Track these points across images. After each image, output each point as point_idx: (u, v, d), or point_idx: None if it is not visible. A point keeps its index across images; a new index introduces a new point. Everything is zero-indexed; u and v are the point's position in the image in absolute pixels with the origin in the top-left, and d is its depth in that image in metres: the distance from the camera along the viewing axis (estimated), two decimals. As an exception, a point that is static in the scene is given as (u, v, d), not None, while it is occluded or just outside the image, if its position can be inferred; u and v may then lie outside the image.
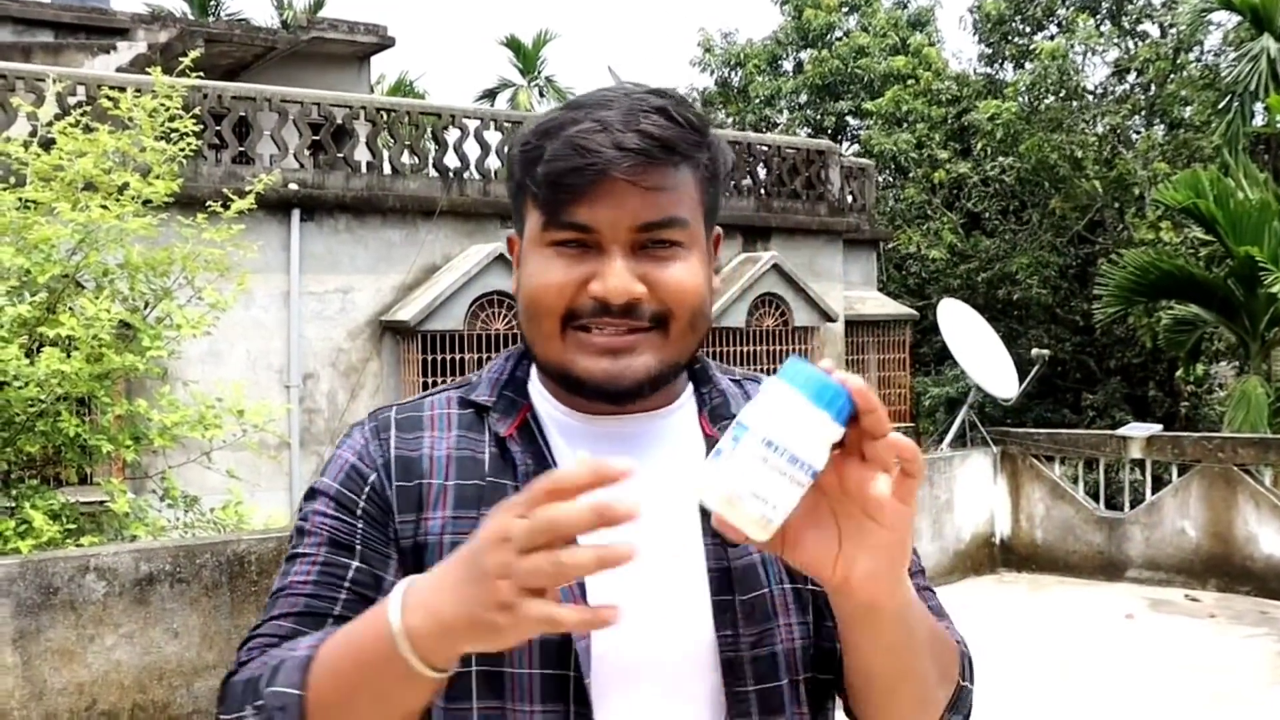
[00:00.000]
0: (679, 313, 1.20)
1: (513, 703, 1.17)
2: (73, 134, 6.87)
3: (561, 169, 1.15)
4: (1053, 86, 20.13)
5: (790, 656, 1.22)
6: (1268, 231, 11.98)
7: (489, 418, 1.26)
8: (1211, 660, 7.75)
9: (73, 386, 6.04)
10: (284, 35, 18.50)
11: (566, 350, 1.19)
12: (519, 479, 1.21)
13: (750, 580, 1.21)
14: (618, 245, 1.17)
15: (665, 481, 1.22)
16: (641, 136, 1.15)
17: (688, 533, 1.22)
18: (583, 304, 1.18)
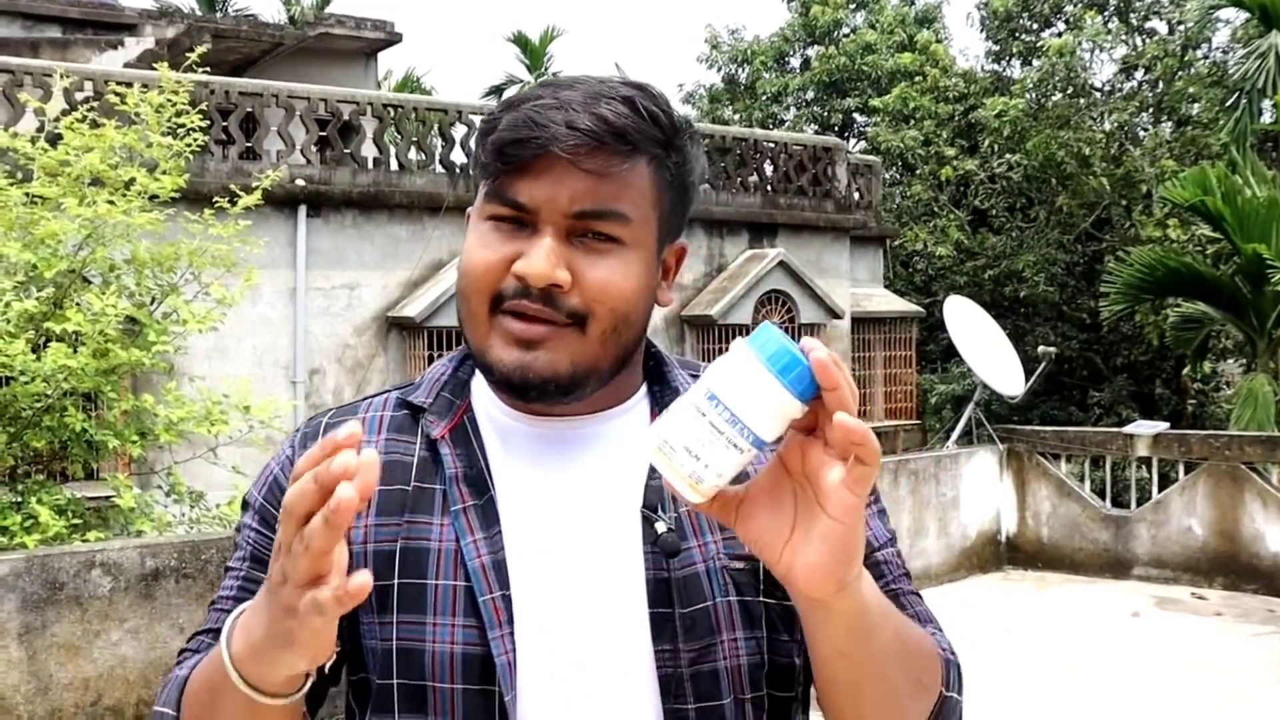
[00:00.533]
0: (599, 313, 1.12)
1: (435, 718, 1.12)
2: (79, 129, 6.87)
3: (507, 139, 1.10)
4: (1060, 83, 20.09)
5: (735, 674, 1.14)
6: (1275, 229, 11.95)
7: (423, 419, 1.21)
8: (1218, 658, 7.74)
9: (79, 382, 6.05)
10: (291, 31, 18.51)
11: (489, 336, 1.14)
12: (446, 482, 1.16)
13: (692, 592, 1.14)
14: (551, 227, 1.11)
15: (605, 486, 1.17)
16: (596, 119, 1.09)
17: (626, 539, 1.15)
18: (507, 284, 1.12)
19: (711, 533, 1.16)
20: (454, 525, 1.14)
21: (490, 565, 1.12)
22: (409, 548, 1.14)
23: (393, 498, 1.16)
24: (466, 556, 1.12)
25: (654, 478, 1.15)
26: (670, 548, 1.14)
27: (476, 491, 1.15)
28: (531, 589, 1.12)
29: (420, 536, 1.14)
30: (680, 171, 1.18)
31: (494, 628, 1.10)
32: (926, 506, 10.28)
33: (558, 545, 1.14)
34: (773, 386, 0.90)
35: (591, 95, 1.11)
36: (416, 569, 1.13)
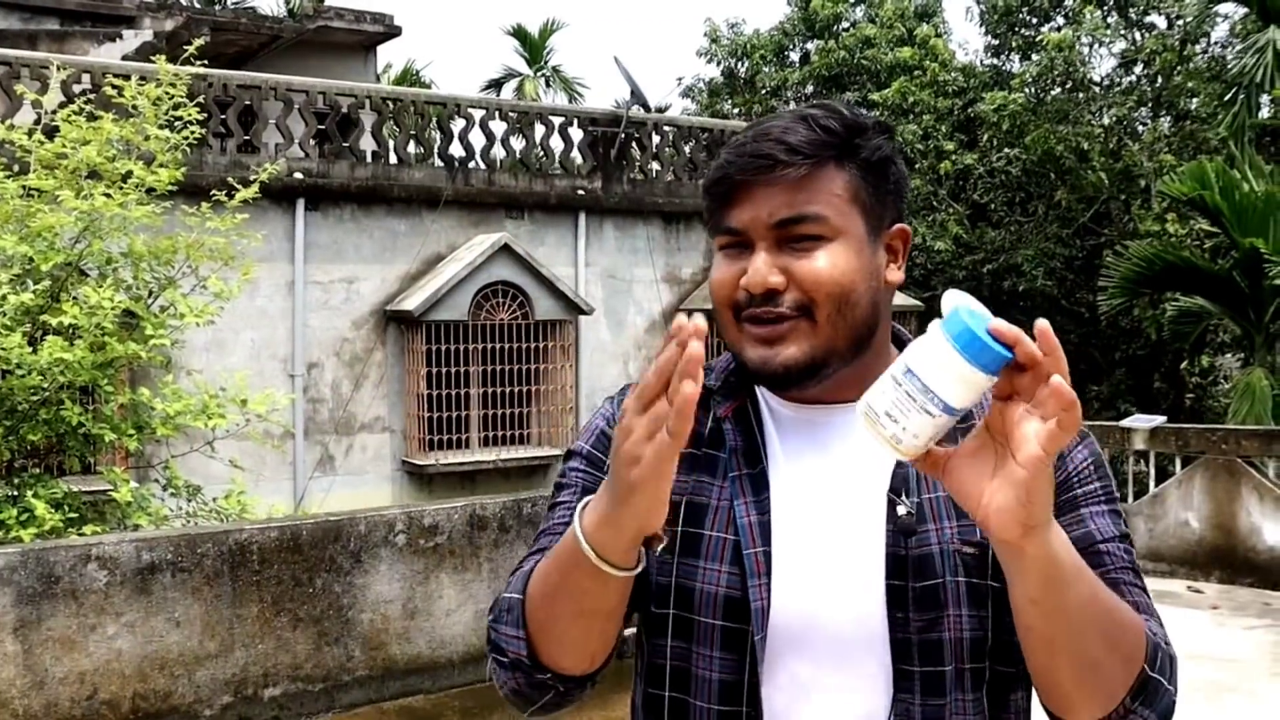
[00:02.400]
0: (819, 300, 1.30)
1: (697, 646, 1.33)
2: (77, 122, 6.87)
3: (710, 182, 1.35)
4: (1059, 78, 20.09)
5: (957, 645, 1.29)
6: (1273, 223, 11.95)
7: (712, 400, 1.41)
8: (1214, 651, 7.75)
9: (75, 375, 6.05)
10: (290, 24, 18.49)
11: (740, 340, 1.34)
12: (728, 452, 1.37)
13: (924, 569, 1.30)
14: (761, 242, 1.31)
15: (857, 467, 1.34)
16: (774, 144, 1.29)
17: (871, 517, 1.32)
18: (740, 296, 1.32)
19: (949, 519, 1.32)
20: (730, 488, 1.35)
21: (757, 524, 1.32)
22: (693, 502, 1.35)
23: (683, 458, 1.25)
24: (737, 515, 1.33)
25: (901, 465, 1.31)
26: (907, 528, 1.30)
27: (750, 462, 1.36)
28: (789, 548, 1.31)
29: (703, 494, 1.35)
30: (870, 165, 1.34)
31: (754, 576, 1.30)
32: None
33: (814, 515, 1.33)
34: (957, 360, 1.06)
35: (777, 126, 1.32)
36: (696, 520, 1.35)
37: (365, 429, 12.63)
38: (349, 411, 12.48)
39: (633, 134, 14.54)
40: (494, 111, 14.03)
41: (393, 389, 12.72)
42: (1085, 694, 1.23)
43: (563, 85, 32.91)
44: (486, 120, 13.72)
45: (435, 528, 5.84)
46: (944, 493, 1.29)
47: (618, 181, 14.37)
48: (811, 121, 1.31)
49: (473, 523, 5.97)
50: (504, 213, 13.54)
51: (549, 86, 32.80)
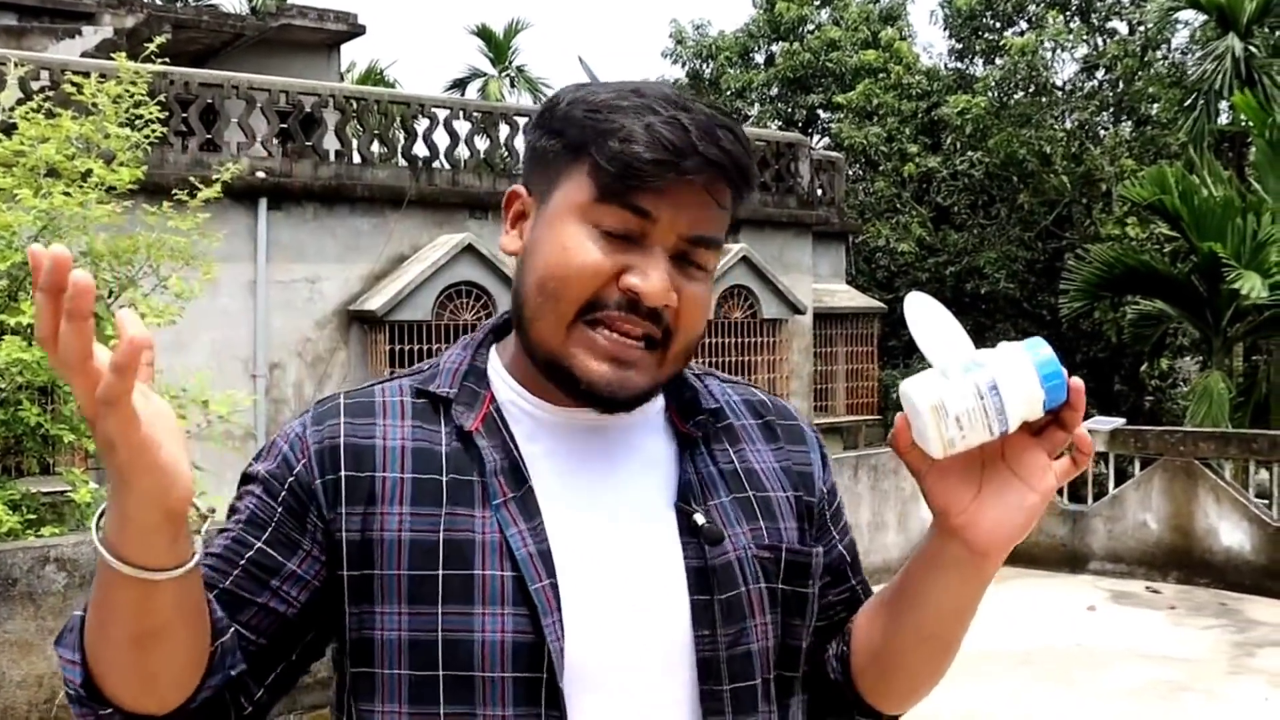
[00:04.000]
0: (683, 337, 1.18)
1: (483, 708, 1.13)
2: (35, 119, 6.79)
3: (645, 157, 1.11)
4: (1022, 82, 20.27)
5: (764, 655, 1.22)
6: (1231, 228, 12.10)
7: (453, 409, 1.21)
8: (1171, 651, 7.83)
9: (34, 375, 5.98)
10: (253, 22, 18.37)
11: (570, 342, 1.15)
12: (485, 475, 1.17)
13: (728, 579, 1.19)
14: (662, 247, 1.14)
15: (636, 476, 1.23)
16: (724, 153, 1.14)
17: (662, 529, 1.20)
18: (608, 294, 1.13)
19: (739, 524, 1.23)
20: (496, 517, 1.15)
21: (537, 554, 1.14)
22: (453, 539, 1.14)
23: (427, 488, 1.17)
24: (514, 547, 1.14)
25: (686, 470, 1.23)
26: (714, 536, 1.20)
27: (515, 483, 1.17)
28: (576, 577, 1.16)
29: (463, 529, 1.15)
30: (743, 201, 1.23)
31: (547, 614, 1.12)
32: (886, 501, 10.34)
33: (598, 534, 1.18)
34: (1037, 396, 1.09)
35: (706, 123, 1.14)
36: (461, 560, 1.14)
37: (328, 429, 12.57)
38: (312, 412, 12.41)
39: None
40: (458, 111, 13.99)
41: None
42: (928, 688, 1.31)
43: (527, 85, 32.85)
44: (450, 120, 13.68)
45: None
46: (726, 498, 1.23)
47: (583, 182, 14.36)
48: (736, 135, 1.16)
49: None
50: (468, 213, 13.50)
51: (513, 87, 32.75)
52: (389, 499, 1.16)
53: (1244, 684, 7.17)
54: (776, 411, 1.35)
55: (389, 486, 1.16)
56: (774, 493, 1.28)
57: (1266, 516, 9.48)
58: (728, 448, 1.28)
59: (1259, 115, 13.12)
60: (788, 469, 1.31)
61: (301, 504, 1.17)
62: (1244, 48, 15.87)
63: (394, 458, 1.17)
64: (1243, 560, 9.54)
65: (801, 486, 1.31)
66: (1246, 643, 8.06)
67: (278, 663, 1.17)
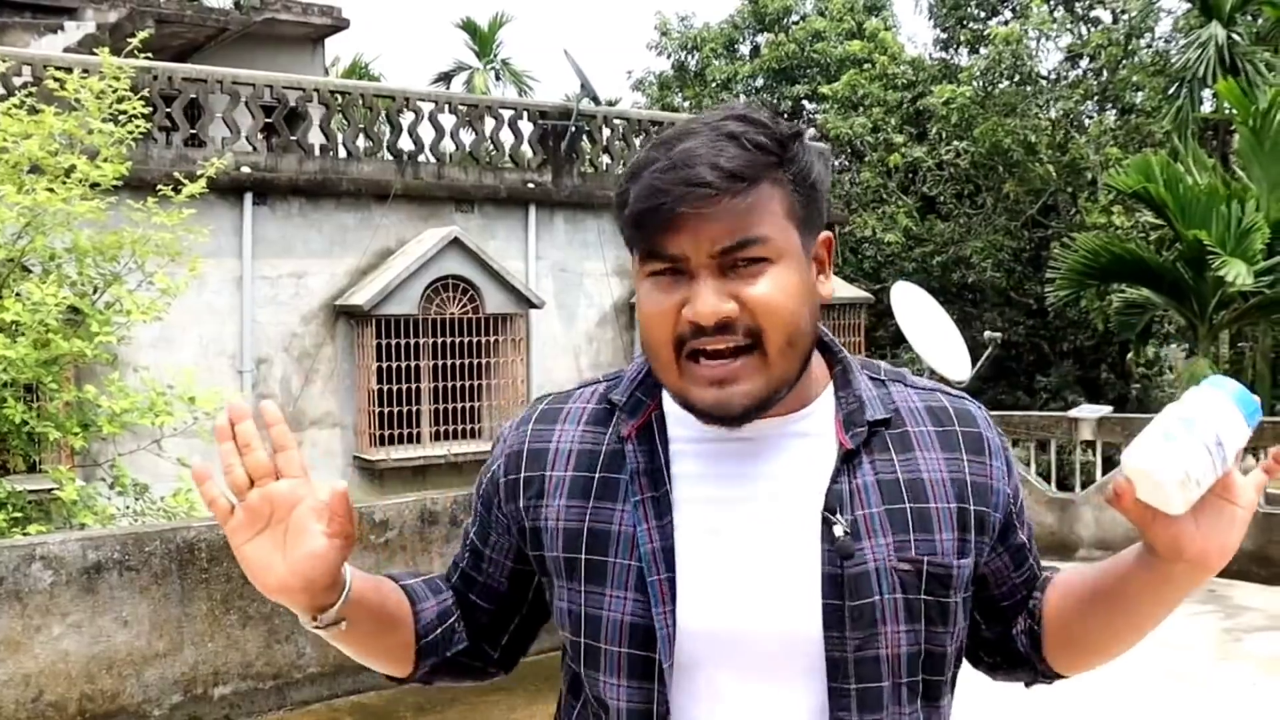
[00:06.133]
0: (771, 330, 1.23)
1: (604, 675, 1.32)
2: (17, 115, 6.76)
3: (640, 211, 1.23)
4: (1007, 71, 20.27)
5: (894, 661, 1.29)
6: (1215, 216, 12.13)
7: (617, 417, 1.37)
8: (1160, 637, 7.80)
9: (19, 372, 5.96)
10: (236, 16, 18.29)
11: (683, 379, 1.26)
12: (628, 474, 1.33)
13: (861, 588, 1.27)
14: (704, 269, 1.23)
15: (785, 483, 1.31)
16: (710, 169, 1.21)
17: (803, 538, 1.29)
18: (683, 329, 1.24)
19: (883, 535, 1.29)
20: (632, 513, 1.31)
21: (660, 550, 1.28)
22: (594, 529, 1.33)
23: (580, 484, 1.35)
24: (639, 542, 1.29)
25: (837, 481, 1.30)
26: (845, 551, 1.27)
27: (654, 484, 1.31)
28: (700, 573, 1.28)
29: (604, 520, 1.33)
30: (802, 177, 1.28)
31: (658, 604, 1.27)
32: (875, 492, 10.36)
33: (729, 537, 1.29)
34: (1244, 429, 1.18)
35: (703, 145, 1.23)
36: (599, 547, 1.32)
37: (315, 425, 12.53)
38: (299, 407, 12.38)
39: (583, 127, 14.50)
40: (443, 105, 13.95)
41: (343, 384, 12.63)
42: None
43: (512, 78, 32.80)
44: (436, 114, 13.64)
45: (386, 523, 5.81)
46: (877, 509, 1.30)
47: (568, 175, 14.33)
48: (743, 140, 1.24)
49: (424, 518, 5.94)
50: (454, 206, 13.47)
51: (499, 80, 32.69)
52: (552, 493, 1.37)
53: (1233, 670, 7.21)
54: (959, 419, 1.40)
55: (553, 484, 1.37)
56: (936, 504, 1.33)
57: (1253, 503, 9.52)
58: (894, 456, 1.34)
59: (1242, 103, 13.15)
60: (960, 480, 1.35)
61: (491, 498, 1.44)
62: (1227, 35, 15.91)
63: (562, 459, 1.38)
64: (1230, 546, 9.57)
65: (974, 498, 1.36)
66: (1235, 628, 8.10)
67: (509, 621, 1.48)
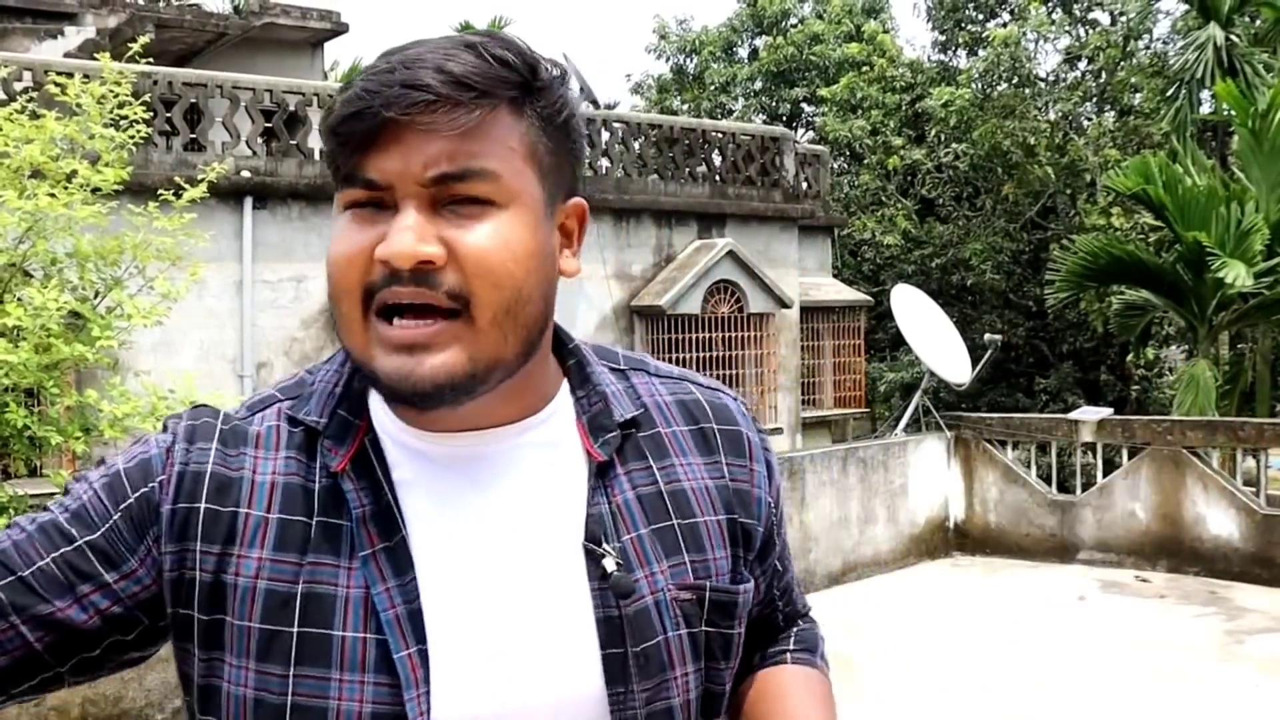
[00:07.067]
0: (483, 291, 0.97)
1: None
2: (19, 120, 6.76)
3: (341, 115, 0.98)
4: (1005, 73, 20.29)
5: (686, 709, 1.09)
6: (1215, 217, 12.14)
7: (320, 445, 1.06)
8: (1161, 639, 7.87)
9: (20, 377, 5.96)
10: (236, 21, 18.29)
11: (369, 343, 1.00)
12: (353, 521, 1.03)
13: (644, 628, 1.05)
14: (410, 200, 0.97)
15: (533, 512, 1.06)
16: (434, 72, 0.96)
17: (567, 575, 1.05)
18: (374, 276, 0.98)
19: (656, 562, 1.08)
20: (363, 571, 1.01)
21: (405, 616, 1.00)
22: (313, 593, 1.01)
23: (293, 531, 1.03)
24: (379, 607, 1.00)
25: (594, 502, 1.07)
26: (625, 589, 1.04)
27: (385, 532, 1.02)
28: (452, 642, 1.02)
29: (326, 580, 1.01)
30: (551, 115, 1.04)
31: (410, 687, 0.99)
32: (875, 494, 10.36)
33: (483, 588, 1.03)
34: None
35: (432, 50, 0.99)
36: (321, 618, 1.01)
37: (316, 429, 12.54)
38: (299, 411, 12.38)
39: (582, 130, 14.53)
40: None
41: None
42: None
43: (512, 82, 32.82)
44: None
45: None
46: (644, 530, 1.08)
47: (568, 178, 14.34)
48: (482, 50, 0.99)
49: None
50: (454, 210, 13.49)
51: (498, 83, 32.70)
52: (249, 540, 1.02)
53: (1234, 671, 7.21)
54: (715, 415, 1.18)
55: (251, 526, 1.03)
56: (703, 517, 1.12)
57: (1254, 504, 9.53)
58: (651, 464, 1.12)
59: (1241, 104, 13.16)
60: (723, 487, 1.14)
61: (143, 522, 1.04)
62: (1225, 37, 15.92)
63: (261, 494, 1.04)
64: (1231, 548, 9.58)
65: (738, 507, 1.15)
66: (1236, 630, 8.10)
67: (40, 671, 1.04)
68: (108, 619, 1.02)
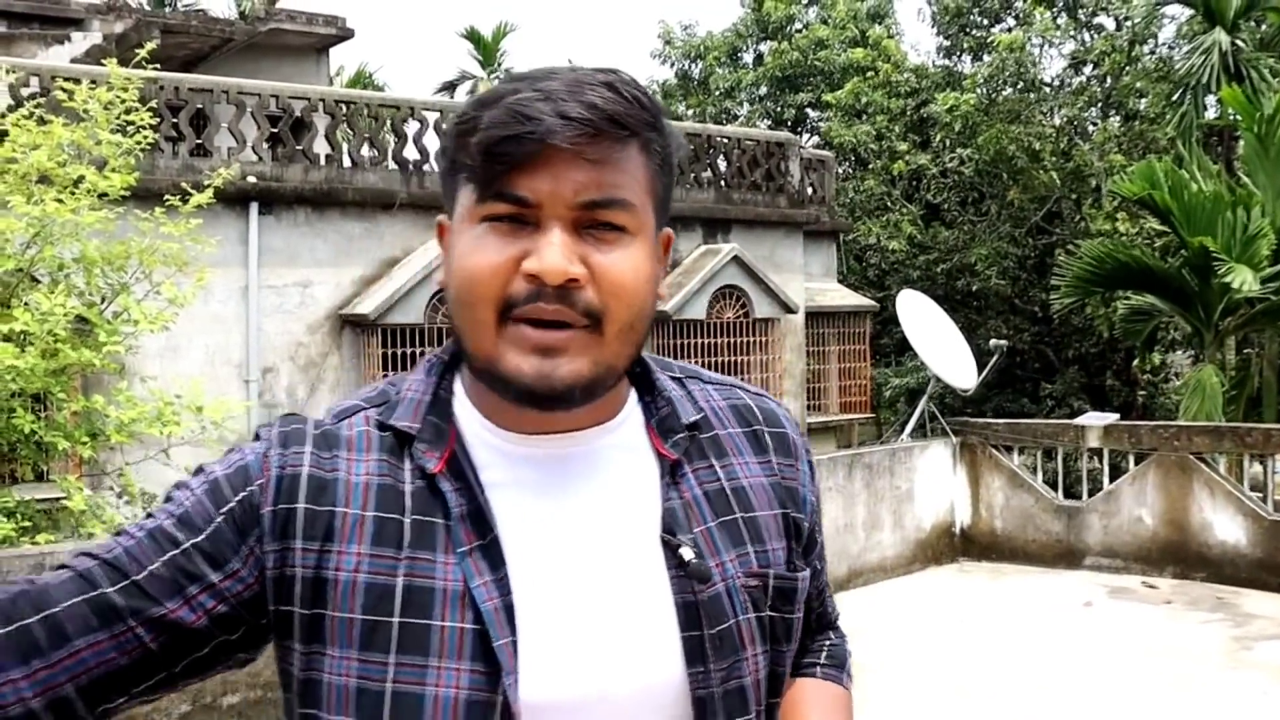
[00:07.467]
0: (616, 309, 1.08)
1: None
2: (26, 126, 6.78)
3: (498, 136, 1.05)
4: (1010, 78, 20.28)
5: (756, 688, 1.17)
6: (1220, 222, 12.12)
7: (414, 449, 1.14)
8: (1168, 645, 7.85)
9: (27, 382, 5.97)
10: (241, 26, 18.33)
11: (499, 345, 1.08)
12: (451, 518, 1.10)
13: (718, 612, 1.14)
14: (557, 221, 1.06)
15: (613, 508, 1.15)
16: (586, 107, 1.05)
17: (646, 565, 1.14)
18: (517, 288, 1.06)
19: (726, 551, 1.17)
20: (460, 566, 1.09)
21: (502, 609, 1.08)
22: (412, 585, 1.09)
23: (389, 528, 1.10)
24: (478, 599, 1.08)
25: (667, 497, 1.16)
26: (703, 574, 1.13)
27: (480, 530, 1.11)
28: (543, 630, 1.10)
29: (424, 574, 1.09)
30: (668, 155, 1.15)
31: (508, 673, 1.07)
32: (881, 499, 10.35)
33: (570, 580, 1.12)
34: None
35: (574, 84, 1.07)
36: (420, 609, 1.08)
37: (322, 434, 12.54)
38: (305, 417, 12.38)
39: (663, 163, 14.55)
40: (448, 114, 13.96)
41: (349, 392, 12.61)
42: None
43: (517, 87, 32.81)
44: (440, 123, 13.66)
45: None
46: (713, 523, 1.18)
47: (574, 184, 14.35)
48: (621, 89, 1.08)
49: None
50: (460, 215, 13.49)
51: (503, 89, 32.69)
52: (348, 537, 1.10)
53: (1242, 678, 7.19)
54: (764, 418, 1.28)
55: (349, 523, 1.10)
56: (762, 512, 1.22)
57: (1261, 510, 9.50)
58: (713, 463, 1.21)
59: (1247, 109, 13.14)
60: (775, 484, 1.24)
61: (246, 524, 1.11)
62: (1231, 42, 15.91)
63: (356, 493, 1.11)
64: (1238, 554, 9.56)
65: (789, 503, 1.25)
66: (1244, 636, 8.08)
67: (156, 671, 1.10)
68: (214, 618, 1.09)
